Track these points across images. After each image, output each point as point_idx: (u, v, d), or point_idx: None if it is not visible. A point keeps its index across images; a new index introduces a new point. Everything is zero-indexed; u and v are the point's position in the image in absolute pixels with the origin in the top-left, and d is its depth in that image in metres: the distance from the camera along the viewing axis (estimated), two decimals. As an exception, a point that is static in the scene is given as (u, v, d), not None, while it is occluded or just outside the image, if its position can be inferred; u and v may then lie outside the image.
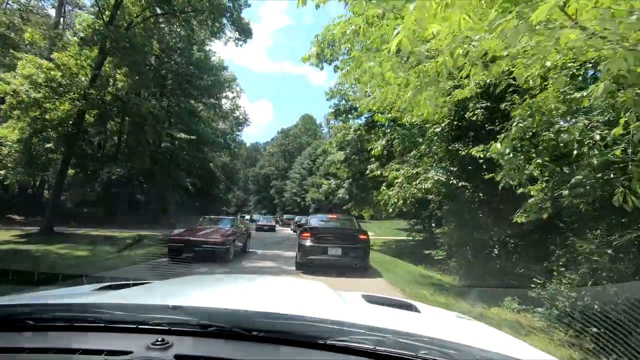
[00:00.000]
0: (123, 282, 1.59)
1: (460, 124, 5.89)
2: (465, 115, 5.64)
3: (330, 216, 9.86)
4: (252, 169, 67.56)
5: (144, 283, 1.61)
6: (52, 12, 24.14)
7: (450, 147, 5.91)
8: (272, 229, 25.99)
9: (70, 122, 14.85)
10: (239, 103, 38.20)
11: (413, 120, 7.94)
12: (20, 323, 0.86)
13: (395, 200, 6.98)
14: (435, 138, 6.29)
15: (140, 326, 0.82)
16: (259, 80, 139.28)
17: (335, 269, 7.31)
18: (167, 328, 0.81)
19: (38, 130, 13.96)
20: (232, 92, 36.38)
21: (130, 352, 0.73)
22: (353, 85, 16.90)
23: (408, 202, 7.11)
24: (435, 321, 1.39)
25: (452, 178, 5.62)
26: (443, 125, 5.88)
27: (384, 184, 7.87)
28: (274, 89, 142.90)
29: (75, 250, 10.74)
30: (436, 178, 5.43)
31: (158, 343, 0.75)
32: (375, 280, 7.25)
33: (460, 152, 5.69)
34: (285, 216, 40.14)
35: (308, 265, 7.57)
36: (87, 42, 14.88)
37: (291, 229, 27.46)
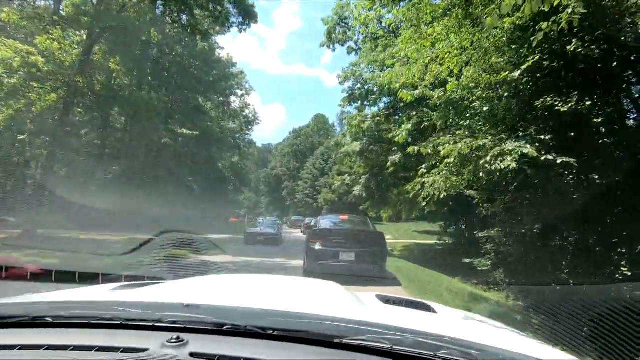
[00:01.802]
0: (139, 282, 1.61)
1: (554, 64, 3.70)
2: (567, 48, 3.45)
3: (341, 217, 8.95)
4: (264, 170, 66.17)
5: (160, 282, 1.63)
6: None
7: (536, 104, 3.72)
8: (273, 240, 15.53)
9: (55, 115, 13.50)
10: (248, 101, 36.65)
11: (453, 89, 5.79)
12: (38, 320, 0.87)
13: (437, 189, 4.86)
14: (506, 95, 4.12)
15: (156, 324, 0.82)
16: (273, 83, 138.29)
17: (349, 276, 6.39)
18: (182, 326, 0.81)
19: (17, 122, 12.59)
20: (241, 90, 35.00)
21: (147, 350, 0.73)
22: (370, 65, 14.87)
23: (449, 192, 5.03)
24: (454, 321, 1.32)
25: (542, 151, 3.46)
26: (523, 68, 3.70)
27: (423, 166, 5.72)
28: (287, 92, 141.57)
29: (44, 257, 9.25)
30: (524, 151, 3.24)
31: (174, 340, 0.74)
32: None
33: (557, 108, 3.51)
34: (294, 217, 38.82)
35: (317, 273, 6.47)
36: (70, 22, 13.37)
37: (301, 231, 25.98)
